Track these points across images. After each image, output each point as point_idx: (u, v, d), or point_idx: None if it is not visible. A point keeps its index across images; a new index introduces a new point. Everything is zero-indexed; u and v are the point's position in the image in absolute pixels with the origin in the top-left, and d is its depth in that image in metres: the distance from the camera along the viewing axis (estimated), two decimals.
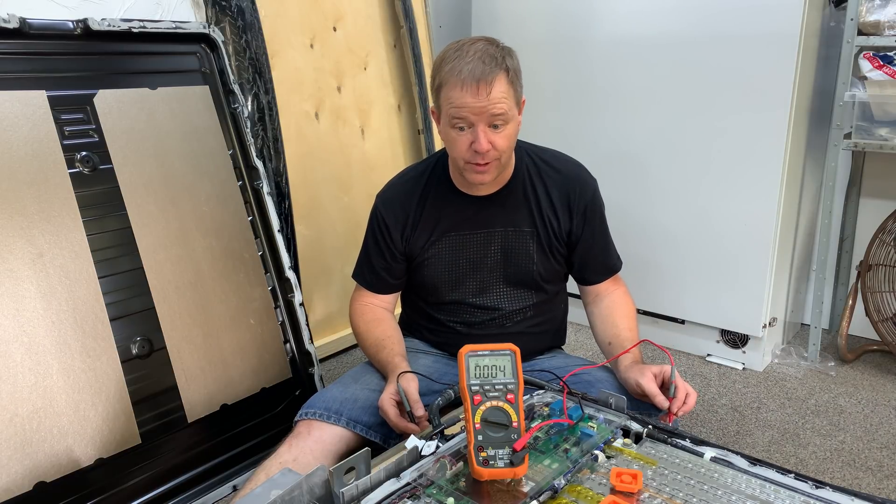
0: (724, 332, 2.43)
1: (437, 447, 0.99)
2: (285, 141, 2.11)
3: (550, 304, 1.51)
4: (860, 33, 2.10)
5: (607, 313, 1.45)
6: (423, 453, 0.97)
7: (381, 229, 1.44)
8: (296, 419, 1.33)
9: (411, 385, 1.24)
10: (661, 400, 1.18)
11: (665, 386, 1.21)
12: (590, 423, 1.06)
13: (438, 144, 2.65)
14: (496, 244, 1.43)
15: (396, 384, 1.23)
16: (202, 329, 1.62)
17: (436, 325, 1.50)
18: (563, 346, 1.60)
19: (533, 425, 1.03)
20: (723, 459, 0.97)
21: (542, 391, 1.17)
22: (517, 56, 1.30)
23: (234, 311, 1.69)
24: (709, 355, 2.48)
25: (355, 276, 1.51)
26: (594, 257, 1.47)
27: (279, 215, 1.85)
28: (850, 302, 2.39)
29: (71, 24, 1.50)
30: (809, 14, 2.07)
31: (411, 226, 1.42)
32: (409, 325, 1.57)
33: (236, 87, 1.78)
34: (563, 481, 0.93)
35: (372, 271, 1.47)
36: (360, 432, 1.30)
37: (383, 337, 1.40)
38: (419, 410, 1.19)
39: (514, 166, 1.42)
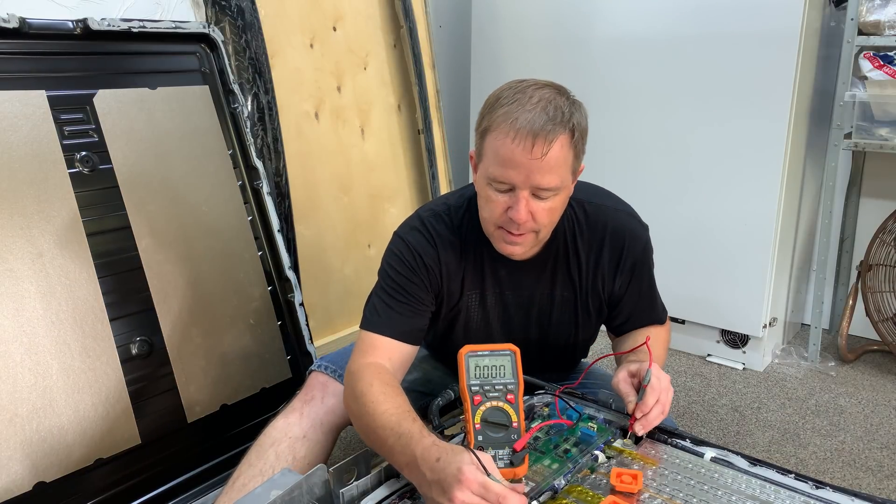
0: (724, 332, 2.43)
1: None
2: (285, 141, 2.11)
3: (581, 355, 1.39)
4: (860, 33, 2.10)
5: (632, 336, 1.29)
6: None
7: (413, 272, 1.18)
8: (311, 369, 1.30)
9: (489, 462, 0.88)
10: (628, 401, 1.04)
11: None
12: (590, 424, 1.06)
13: (439, 144, 2.65)
14: (532, 310, 1.25)
15: (478, 462, 0.85)
16: (202, 329, 1.62)
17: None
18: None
19: (533, 425, 1.03)
20: (723, 459, 0.97)
21: (541, 391, 1.17)
22: (586, 112, 1.09)
23: (234, 311, 1.69)
24: (709, 355, 2.47)
25: (370, 326, 1.17)
26: (639, 312, 1.29)
27: (279, 215, 1.85)
28: (851, 302, 2.39)
29: (71, 24, 1.50)
30: (809, 14, 2.07)
31: (446, 277, 1.20)
32: None
33: (236, 87, 1.78)
34: (563, 481, 0.93)
35: (396, 318, 1.17)
36: None
37: (406, 409, 1.02)
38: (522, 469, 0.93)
39: None
